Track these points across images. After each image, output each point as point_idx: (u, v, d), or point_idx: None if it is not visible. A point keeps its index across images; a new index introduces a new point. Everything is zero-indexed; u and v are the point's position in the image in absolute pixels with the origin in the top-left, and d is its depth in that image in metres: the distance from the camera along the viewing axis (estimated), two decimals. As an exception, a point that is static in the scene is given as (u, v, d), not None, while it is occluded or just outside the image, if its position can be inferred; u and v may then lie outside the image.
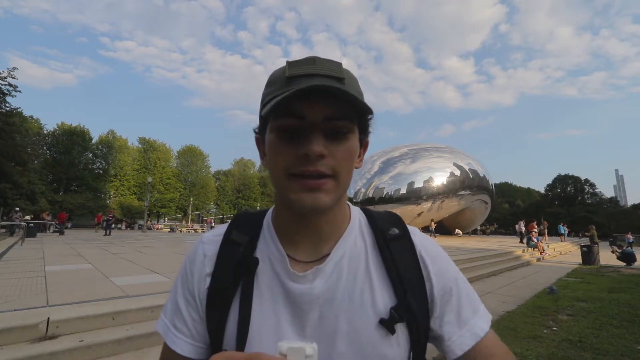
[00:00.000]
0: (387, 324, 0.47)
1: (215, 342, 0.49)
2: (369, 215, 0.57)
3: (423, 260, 0.53)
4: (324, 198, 0.44)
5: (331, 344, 0.47)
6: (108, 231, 19.13)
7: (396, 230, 0.54)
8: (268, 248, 0.52)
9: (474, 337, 0.49)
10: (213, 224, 34.23)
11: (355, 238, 0.53)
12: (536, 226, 18.58)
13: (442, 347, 0.51)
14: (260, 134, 0.51)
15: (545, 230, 18.92)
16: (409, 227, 0.56)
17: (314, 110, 0.43)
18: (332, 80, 0.43)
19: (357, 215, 0.56)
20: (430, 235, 21.60)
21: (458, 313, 0.51)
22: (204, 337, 0.51)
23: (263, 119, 0.48)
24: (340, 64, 0.46)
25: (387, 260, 0.51)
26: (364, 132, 0.49)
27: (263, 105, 0.47)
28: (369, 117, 0.49)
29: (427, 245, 0.55)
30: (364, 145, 0.51)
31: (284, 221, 0.52)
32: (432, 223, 23.91)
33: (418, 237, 0.55)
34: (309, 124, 0.43)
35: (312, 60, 0.45)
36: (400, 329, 0.48)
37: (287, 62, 0.46)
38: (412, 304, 0.48)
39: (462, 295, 0.52)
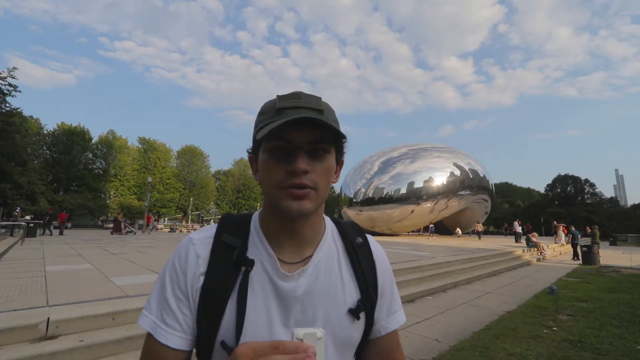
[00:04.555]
0: (355, 313, 0.60)
1: (206, 334, 0.56)
2: (338, 225, 0.70)
3: (376, 263, 0.68)
4: (307, 204, 0.54)
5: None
6: (48, 230, 16.73)
7: (360, 240, 0.69)
8: (258, 251, 0.60)
9: (396, 324, 0.68)
10: (157, 224, 34.09)
11: (329, 244, 0.65)
12: (565, 230, 18.64)
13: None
14: (253, 154, 0.62)
15: (562, 231, 19.06)
16: (367, 236, 0.71)
17: (299, 135, 0.54)
18: (314, 112, 0.54)
19: (329, 224, 0.68)
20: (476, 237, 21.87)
21: (389, 305, 0.69)
22: (193, 330, 0.58)
23: (257, 141, 0.58)
24: (319, 98, 0.58)
25: (354, 262, 0.65)
26: (339, 153, 0.62)
27: (257, 130, 0.57)
28: (344, 141, 0.60)
29: (378, 252, 0.71)
30: (339, 163, 0.63)
31: (273, 228, 0.61)
32: (479, 225, 24.04)
33: (373, 245, 0.71)
34: (295, 147, 0.54)
35: (298, 95, 0.57)
36: (362, 315, 0.62)
37: (277, 96, 0.57)
38: (372, 297, 0.64)
39: (394, 293, 0.70)
